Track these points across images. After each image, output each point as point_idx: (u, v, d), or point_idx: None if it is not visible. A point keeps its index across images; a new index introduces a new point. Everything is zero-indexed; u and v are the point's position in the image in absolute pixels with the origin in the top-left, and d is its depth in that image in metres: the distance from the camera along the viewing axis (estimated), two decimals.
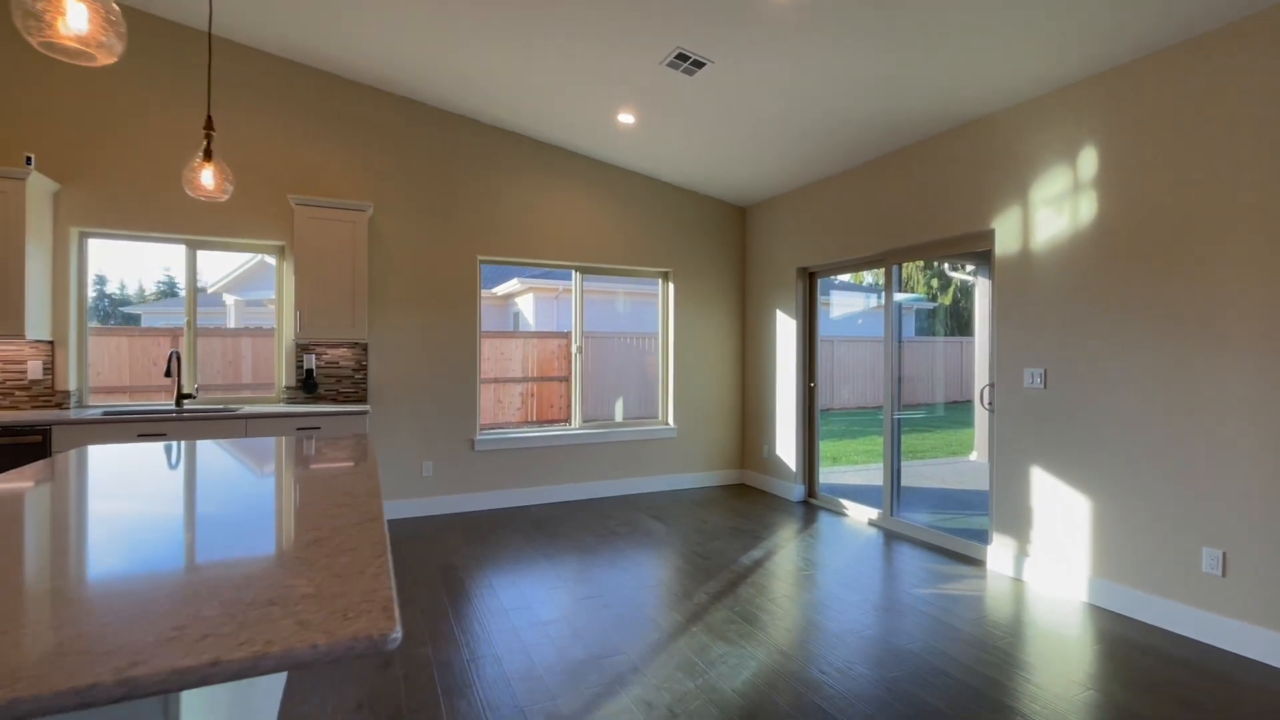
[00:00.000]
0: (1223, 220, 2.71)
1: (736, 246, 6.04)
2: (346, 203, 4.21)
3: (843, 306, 7.47)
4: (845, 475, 5.98)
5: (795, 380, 5.36)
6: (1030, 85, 3.34)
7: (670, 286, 5.78)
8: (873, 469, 5.25)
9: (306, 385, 4.34)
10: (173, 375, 4.00)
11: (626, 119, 4.43)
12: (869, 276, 6.14)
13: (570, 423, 5.48)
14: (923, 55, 3.19)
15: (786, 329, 5.47)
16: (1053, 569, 3.37)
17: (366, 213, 4.30)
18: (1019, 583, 3.47)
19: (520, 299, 7.54)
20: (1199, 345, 2.79)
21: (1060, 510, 3.34)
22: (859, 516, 4.79)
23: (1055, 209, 3.36)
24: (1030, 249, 3.49)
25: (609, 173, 5.40)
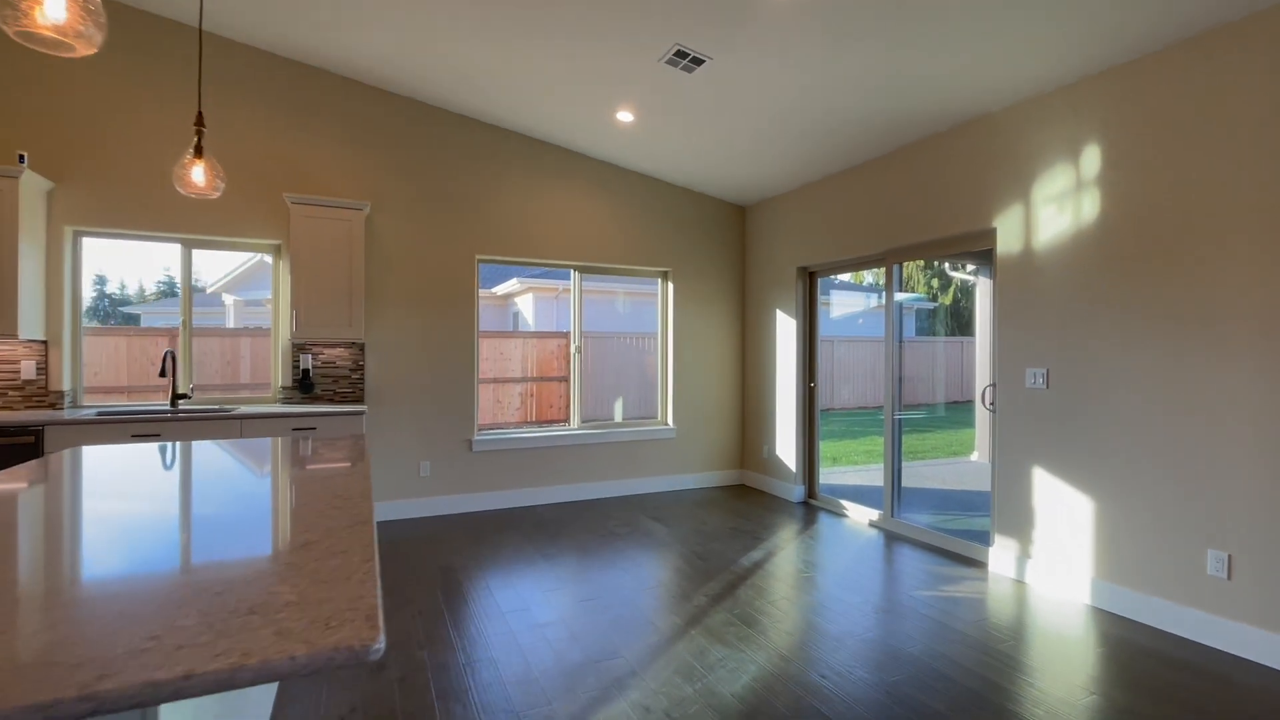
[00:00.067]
0: (1223, 220, 2.69)
1: (736, 246, 6.01)
2: (343, 201, 4.18)
3: (843, 306, 7.44)
4: (845, 476, 5.95)
5: (795, 380, 5.33)
6: (1031, 84, 3.31)
7: (670, 286, 5.74)
8: (873, 469, 5.22)
9: (303, 385, 4.31)
10: (168, 375, 3.97)
11: (625, 117, 4.40)
12: (869, 276, 6.11)
13: (569, 423, 5.45)
14: (923, 53, 3.16)
15: (786, 329, 5.43)
16: (1055, 571, 3.34)
17: (363, 211, 4.27)
18: (1021, 585, 3.44)
19: (519, 299, 7.52)
20: (1199, 345, 2.76)
21: (1062, 511, 3.31)
22: (859, 517, 4.76)
23: (1056, 208, 3.33)
24: (1032, 248, 3.46)
25: (608, 171, 5.37)
